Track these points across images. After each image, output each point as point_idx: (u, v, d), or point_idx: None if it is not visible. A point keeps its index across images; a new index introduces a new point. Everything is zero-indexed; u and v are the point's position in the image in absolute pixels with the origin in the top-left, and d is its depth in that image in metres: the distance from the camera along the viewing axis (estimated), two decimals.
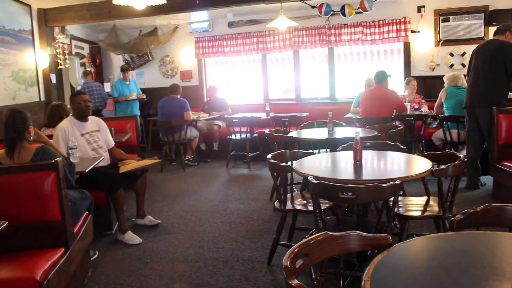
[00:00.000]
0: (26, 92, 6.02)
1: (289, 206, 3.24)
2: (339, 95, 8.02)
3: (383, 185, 2.32)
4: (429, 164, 2.88)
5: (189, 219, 4.47)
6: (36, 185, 2.69)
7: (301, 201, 3.38)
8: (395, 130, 4.68)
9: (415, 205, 3.18)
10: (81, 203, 3.24)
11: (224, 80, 8.95)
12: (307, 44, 7.72)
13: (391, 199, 2.51)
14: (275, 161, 3.11)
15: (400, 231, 3.05)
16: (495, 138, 4.60)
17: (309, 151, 3.75)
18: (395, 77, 7.10)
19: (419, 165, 2.95)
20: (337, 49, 7.82)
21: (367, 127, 4.82)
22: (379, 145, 3.73)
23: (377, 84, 5.75)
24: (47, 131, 4.44)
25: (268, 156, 3.23)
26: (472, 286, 1.36)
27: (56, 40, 6.64)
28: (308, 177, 2.56)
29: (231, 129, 6.90)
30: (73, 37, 7.73)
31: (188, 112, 6.91)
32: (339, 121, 5.40)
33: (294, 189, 3.68)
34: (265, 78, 8.42)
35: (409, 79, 6.67)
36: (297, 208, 3.26)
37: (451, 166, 2.80)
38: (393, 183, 2.34)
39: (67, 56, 6.79)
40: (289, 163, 3.36)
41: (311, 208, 3.05)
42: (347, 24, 7.37)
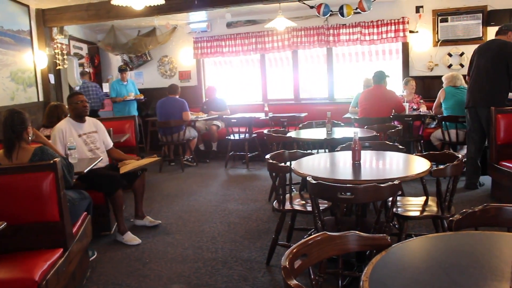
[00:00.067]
0: (25, 92, 6.01)
1: (287, 207, 3.24)
2: (337, 95, 8.03)
3: (382, 185, 2.32)
4: (427, 164, 2.88)
5: (188, 220, 4.47)
6: (34, 185, 2.69)
7: (299, 201, 3.38)
8: (393, 130, 4.68)
9: (414, 205, 3.19)
10: (79, 203, 3.24)
11: (222, 81, 8.95)
12: (306, 44, 7.72)
13: (389, 199, 2.51)
14: (274, 161, 3.11)
15: (398, 231, 3.05)
16: (493, 138, 4.60)
17: (308, 151, 3.76)
18: (394, 77, 7.11)
19: (418, 165, 2.96)
20: (336, 49, 7.83)
21: (365, 127, 4.82)
22: (377, 145, 3.73)
23: (375, 84, 5.75)
24: (45, 132, 4.44)
25: (267, 156, 3.23)
26: (470, 286, 1.36)
27: (55, 41, 6.64)
28: (307, 177, 2.56)
29: (230, 130, 6.90)
30: (72, 38, 7.72)
31: (186, 113, 6.90)
32: (337, 121, 5.41)
33: (293, 189, 3.68)
34: (263, 79, 8.43)
35: (407, 79, 6.67)
36: (295, 208, 3.26)
37: (449, 166, 2.80)
38: (391, 183, 2.35)
39: (65, 56, 6.78)
40: (287, 163, 3.36)
41: (309, 208, 3.05)
42: (345, 24, 7.38)
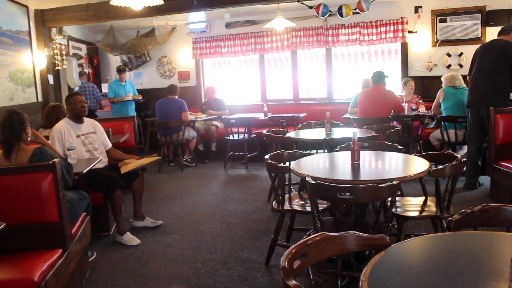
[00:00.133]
0: (24, 93, 6.01)
1: (287, 207, 3.24)
2: (336, 95, 8.04)
3: (381, 185, 2.32)
4: (426, 165, 2.88)
5: (187, 220, 4.47)
6: (33, 186, 2.69)
7: (299, 201, 3.38)
8: (392, 131, 4.68)
9: (413, 205, 3.19)
10: (79, 204, 3.24)
11: (222, 81, 8.95)
12: (305, 44, 7.73)
13: (389, 199, 2.51)
14: (273, 162, 3.11)
15: (398, 231, 3.05)
16: (492, 138, 4.61)
17: (307, 151, 3.76)
18: (393, 77, 7.10)
19: (417, 165, 2.96)
20: (335, 49, 7.84)
21: (364, 127, 4.81)
22: (376, 145, 3.73)
23: (374, 84, 5.75)
24: (44, 132, 4.43)
25: (266, 156, 3.23)
26: (469, 286, 1.36)
27: (54, 41, 6.63)
28: (306, 177, 2.56)
29: (229, 130, 6.90)
30: (71, 38, 7.71)
31: (186, 113, 6.90)
32: (336, 121, 5.41)
33: (292, 189, 3.68)
34: (262, 79, 8.43)
35: (406, 79, 6.68)
36: (295, 208, 3.26)
37: (448, 166, 2.80)
38: (390, 183, 2.35)
39: (64, 57, 6.77)
40: (287, 163, 3.36)
41: (309, 209, 3.05)
42: (344, 25, 7.39)
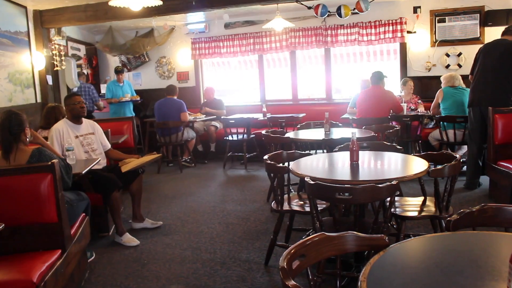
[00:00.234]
0: (22, 93, 6.00)
1: (286, 207, 3.24)
2: (335, 95, 8.04)
3: (380, 185, 2.33)
4: (425, 165, 2.88)
5: (186, 221, 4.47)
6: (32, 187, 2.69)
7: (298, 202, 3.39)
8: (391, 131, 4.68)
9: (412, 205, 3.19)
10: (77, 204, 3.23)
11: (221, 81, 8.95)
12: (304, 45, 7.73)
13: (388, 199, 2.51)
14: (272, 162, 3.11)
15: (397, 231, 3.06)
16: (491, 138, 4.61)
17: (306, 152, 3.76)
18: (392, 77, 7.12)
19: (416, 165, 2.96)
20: (334, 49, 7.85)
21: (363, 127, 4.82)
22: (375, 145, 3.74)
23: (373, 84, 5.76)
24: (43, 133, 4.43)
25: (265, 157, 3.23)
26: (468, 286, 1.36)
27: (52, 42, 6.62)
28: (305, 178, 2.56)
29: (228, 130, 6.90)
30: (69, 39, 7.71)
31: (184, 113, 6.90)
32: (335, 121, 5.41)
33: (291, 190, 3.68)
34: (261, 79, 8.43)
35: (405, 79, 6.68)
36: (294, 209, 3.26)
37: (447, 167, 2.80)
38: (389, 183, 2.35)
39: (63, 57, 6.76)
40: (286, 164, 3.36)
41: (308, 209, 3.06)
42: (343, 25, 7.39)
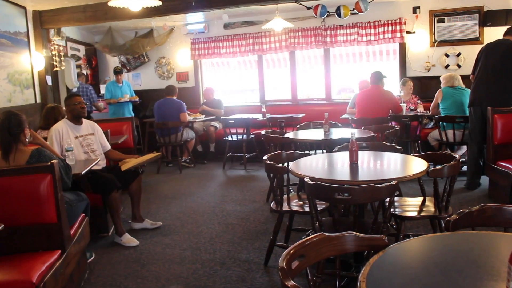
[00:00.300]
0: (22, 94, 6.00)
1: (285, 207, 3.24)
2: (335, 96, 8.04)
3: (379, 185, 2.33)
4: (425, 165, 2.88)
5: (186, 221, 4.47)
6: (32, 187, 2.69)
7: (297, 202, 3.39)
8: (391, 131, 4.68)
9: (411, 205, 3.19)
10: (77, 205, 3.23)
11: (220, 82, 8.95)
12: (303, 45, 7.73)
13: (387, 199, 2.52)
14: (272, 162, 3.11)
15: (396, 231, 3.06)
16: (490, 138, 4.61)
17: (306, 152, 3.76)
18: (391, 78, 7.12)
19: (415, 165, 2.96)
20: (333, 50, 7.85)
21: (363, 127, 4.82)
22: (375, 145, 3.74)
23: (373, 85, 5.76)
24: (42, 133, 4.42)
25: (265, 157, 3.23)
26: (467, 286, 1.36)
27: (52, 42, 6.62)
28: (304, 178, 2.56)
29: (228, 131, 6.90)
30: (69, 39, 7.70)
31: (184, 114, 6.90)
32: (335, 122, 5.41)
33: (290, 190, 3.68)
34: (261, 80, 8.43)
35: (405, 79, 6.68)
36: (293, 209, 3.26)
37: (446, 167, 2.80)
38: (389, 183, 2.35)
39: (62, 58, 6.76)
40: (285, 164, 3.36)
41: (307, 209, 3.06)
42: (342, 25, 7.39)
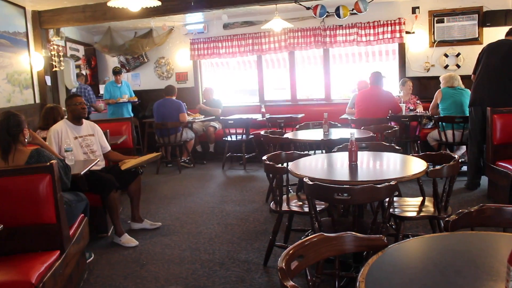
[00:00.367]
0: (21, 94, 6.00)
1: (285, 208, 3.24)
2: (334, 96, 8.05)
3: (379, 186, 2.33)
4: (424, 165, 2.88)
5: (185, 221, 4.46)
6: (31, 187, 2.68)
7: (297, 202, 3.39)
8: (390, 131, 4.69)
9: (411, 205, 3.19)
10: (76, 205, 3.23)
11: (219, 82, 8.95)
12: (302, 45, 7.73)
13: (386, 200, 2.52)
14: (271, 163, 3.11)
15: (395, 231, 3.06)
16: (489, 138, 4.61)
17: (305, 152, 3.76)
18: (390, 78, 7.12)
19: (414, 165, 2.96)
20: (332, 50, 7.85)
21: (362, 128, 4.82)
22: (374, 146, 3.74)
23: (372, 85, 5.77)
24: (42, 134, 4.42)
25: (264, 157, 3.23)
26: (466, 286, 1.36)
27: (51, 42, 6.62)
28: (304, 178, 2.56)
29: (227, 131, 6.90)
30: (68, 39, 7.70)
31: (183, 114, 6.90)
32: (334, 122, 5.41)
33: (290, 190, 3.68)
34: (260, 80, 8.43)
35: (404, 80, 6.69)
36: (293, 209, 3.26)
37: (446, 167, 2.80)
38: (388, 184, 2.35)
39: (62, 58, 6.76)
40: (284, 164, 3.36)
41: (306, 210, 3.06)
42: (342, 25, 7.39)
